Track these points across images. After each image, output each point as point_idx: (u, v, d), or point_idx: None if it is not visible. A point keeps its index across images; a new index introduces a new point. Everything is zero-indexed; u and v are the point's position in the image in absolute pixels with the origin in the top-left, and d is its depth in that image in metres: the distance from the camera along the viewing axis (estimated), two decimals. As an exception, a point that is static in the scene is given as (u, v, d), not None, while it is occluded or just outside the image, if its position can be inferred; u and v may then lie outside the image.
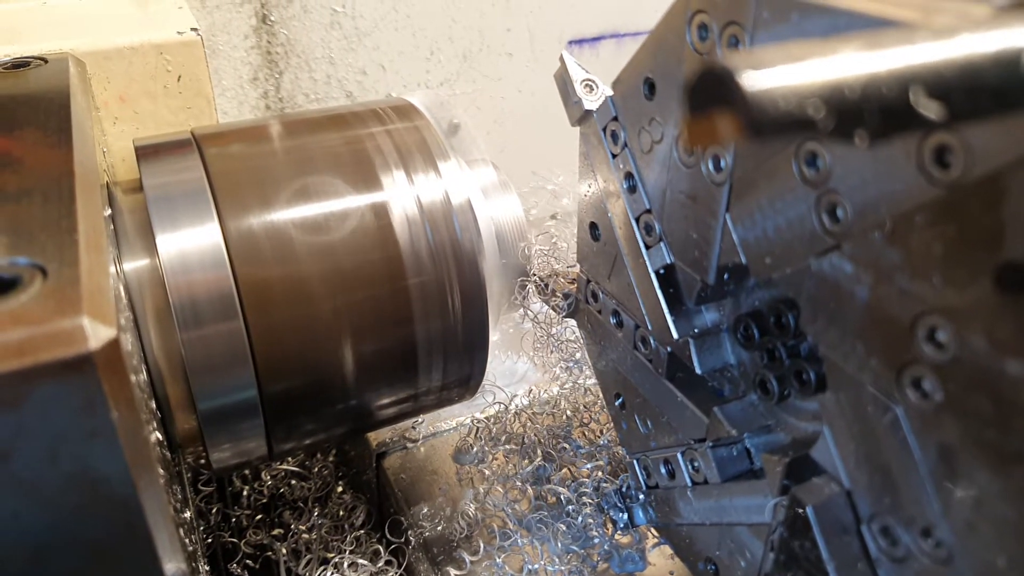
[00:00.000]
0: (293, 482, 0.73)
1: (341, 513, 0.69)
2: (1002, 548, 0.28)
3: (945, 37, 0.19)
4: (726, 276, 0.38)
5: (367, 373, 0.54)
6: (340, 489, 0.72)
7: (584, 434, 0.62)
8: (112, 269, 0.40)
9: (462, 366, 0.57)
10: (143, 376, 0.43)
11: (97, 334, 0.30)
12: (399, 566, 0.58)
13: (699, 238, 0.38)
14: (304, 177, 0.52)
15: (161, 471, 0.37)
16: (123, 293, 0.44)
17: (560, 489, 0.57)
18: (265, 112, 0.86)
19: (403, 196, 0.53)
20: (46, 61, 0.57)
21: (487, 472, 0.60)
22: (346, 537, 0.65)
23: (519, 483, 0.59)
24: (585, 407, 0.63)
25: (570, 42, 1.02)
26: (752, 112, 0.16)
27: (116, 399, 0.31)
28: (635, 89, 0.40)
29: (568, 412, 0.63)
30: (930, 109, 0.18)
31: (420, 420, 0.66)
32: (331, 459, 0.75)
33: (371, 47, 0.89)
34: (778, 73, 0.16)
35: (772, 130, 0.16)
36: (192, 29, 0.64)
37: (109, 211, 0.46)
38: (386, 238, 0.52)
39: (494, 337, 0.60)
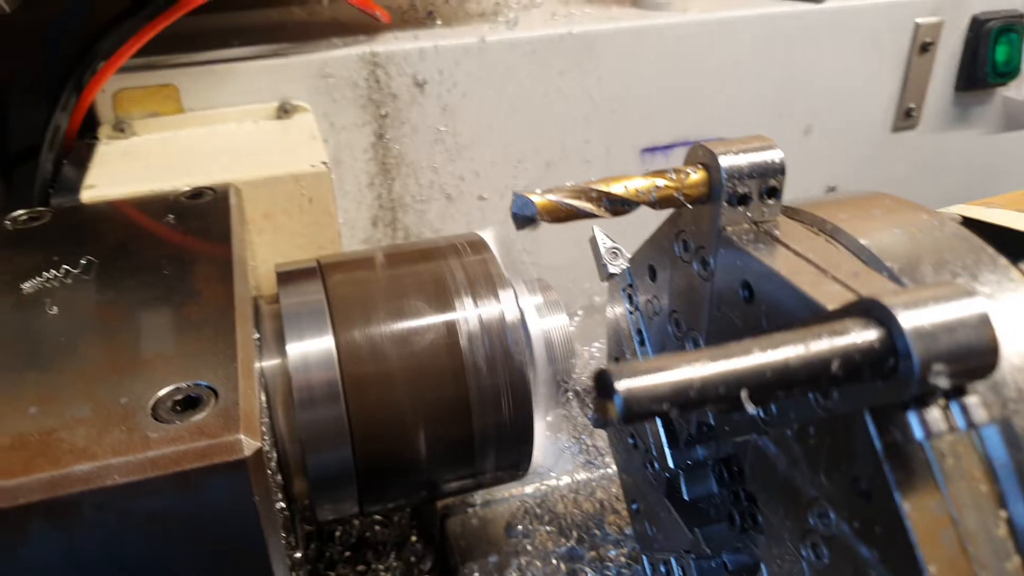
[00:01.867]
0: (377, 528, 0.88)
1: (412, 559, 0.82)
2: None
3: (769, 349, 0.30)
4: (704, 429, 0.49)
5: (435, 455, 0.67)
6: (414, 539, 0.86)
7: (615, 521, 0.73)
8: (256, 366, 0.56)
9: (511, 455, 0.70)
10: (273, 455, 0.58)
11: (250, 446, 0.44)
12: (453, 612, 0.71)
13: (685, 396, 0.50)
14: (397, 300, 0.66)
15: (283, 533, 0.51)
16: (263, 390, 0.59)
17: (588, 569, 0.68)
18: (378, 210, 1.03)
19: (469, 316, 0.66)
20: (215, 191, 0.75)
21: (530, 547, 0.72)
22: (414, 580, 0.78)
23: (554, 560, 0.70)
24: (618, 498, 0.74)
25: (643, 150, 1.14)
26: (622, 406, 0.28)
27: (258, 487, 0.45)
28: (642, 270, 0.52)
29: (603, 500, 0.74)
30: (750, 405, 0.29)
31: (478, 491, 0.79)
32: (409, 512, 0.89)
33: (468, 158, 1.04)
34: (641, 380, 0.29)
35: (635, 419, 0.28)
36: (323, 163, 0.81)
37: (257, 335, 0.62)
38: (453, 350, 0.65)
39: (549, 419, 0.72)
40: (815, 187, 1.26)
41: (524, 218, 0.40)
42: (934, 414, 0.31)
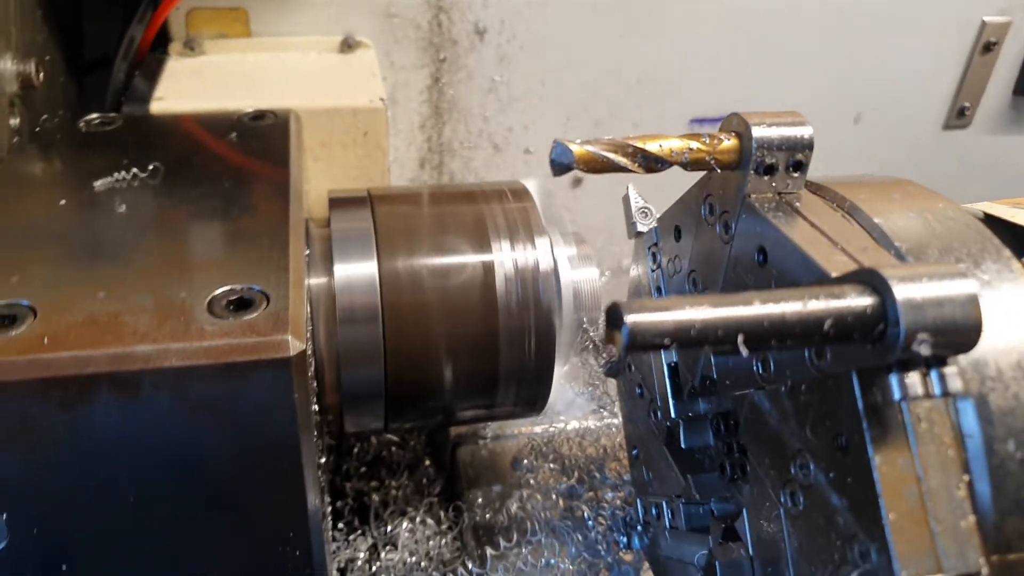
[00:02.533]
0: (393, 449, 0.93)
1: (424, 481, 0.88)
2: None
3: (770, 302, 0.33)
4: (707, 382, 0.53)
5: (460, 385, 0.71)
6: (427, 463, 0.91)
7: (616, 468, 0.77)
8: (305, 284, 0.60)
9: (530, 392, 0.74)
10: (312, 361, 0.63)
11: (295, 347, 0.49)
12: (453, 533, 0.76)
13: (694, 350, 0.53)
14: (439, 236, 0.70)
15: (315, 433, 0.56)
16: (308, 302, 0.64)
17: (584, 507, 0.73)
18: (427, 152, 1.07)
19: (505, 259, 0.70)
20: (276, 115, 0.79)
21: (532, 481, 0.77)
22: (423, 500, 0.84)
23: (554, 495, 0.75)
24: (620, 447, 0.78)
25: (692, 120, 1.15)
26: (628, 336, 0.32)
27: (299, 385, 0.49)
28: (669, 229, 0.55)
29: (607, 447, 0.78)
30: (744, 350, 0.33)
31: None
32: (424, 438, 0.95)
33: (519, 110, 1.07)
34: (648, 315, 0.32)
35: (638, 350, 0.32)
36: (380, 99, 0.84)
37: (308, 251, 0.66)
38: (488, 289, 0.69)
39: (565, 368, 0.76)
40: (859, 176, 1.26)
41: (561, 165, 0.43)
42: (913, 378, 0.34)
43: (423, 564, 0.77)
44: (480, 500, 0.77)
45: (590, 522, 0.72)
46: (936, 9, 1.13)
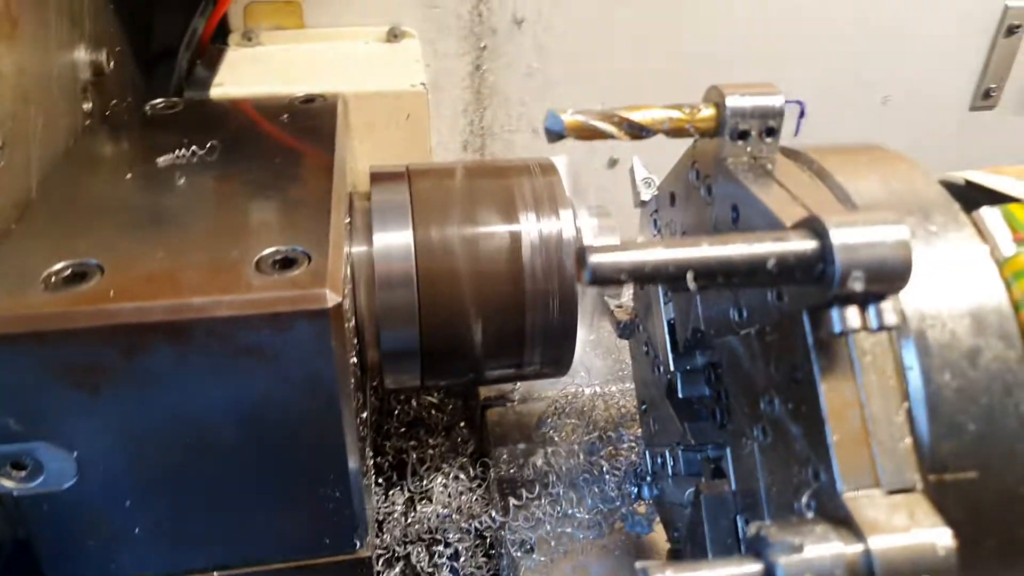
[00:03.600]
0: (432, 412, 1.00)
1: (459, 440, 0.95)
2: None
3: (718, 244, 0.38)
4: (698, 334, 0.57)
5: (488, 344, 0.77)
6: (462, 425, 0.98)
7: (634, 428, 0.82)
8: (345, 251, 0.67)
9: (555, 353, 0.79)
10: (352, 322, 0.70)
11: (332, 299, 0.54)
12: (482, 487, 0.82)
13: (686, 305, 0.58)
14: (470, 207, 0.76)
15: (353, 381, 0.62)
16: (349, 268, 0.71)
17: (603, 463, 0.78)
18: (469, 136, 1.13)
19: (531, 229, 0.75)
20: (325, 99, 0.87)
21: (556, 438, 0.82)
22: (458, 459, 0.90)
23: (577, 447, 0.80)
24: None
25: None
26: (590, 273, 0.37)
27: (336, 336, 0.55)
28: (665, 197, 0.60)
29: (623, 408, 0.83)
30: (692, 284, 0.38)
31: (518, 387, 0.90)
32: (460, 403, 1.01)
33: (556, 96, 1.12)
34: (607, 256, 0.37)
35: (599, 284, 0.37)
36: (421, 84, 0.91)
37: (348, 219, 0.73)
38: (514, 256, 0.74)
39: (591, 336, 0.81)
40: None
41: (554, 133, 0.48)
42: (851, 312, 0.38)
43: (454, 516, 0.84)
44: (505, 456, 0.83)
45: (607, 476, 0.77)
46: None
